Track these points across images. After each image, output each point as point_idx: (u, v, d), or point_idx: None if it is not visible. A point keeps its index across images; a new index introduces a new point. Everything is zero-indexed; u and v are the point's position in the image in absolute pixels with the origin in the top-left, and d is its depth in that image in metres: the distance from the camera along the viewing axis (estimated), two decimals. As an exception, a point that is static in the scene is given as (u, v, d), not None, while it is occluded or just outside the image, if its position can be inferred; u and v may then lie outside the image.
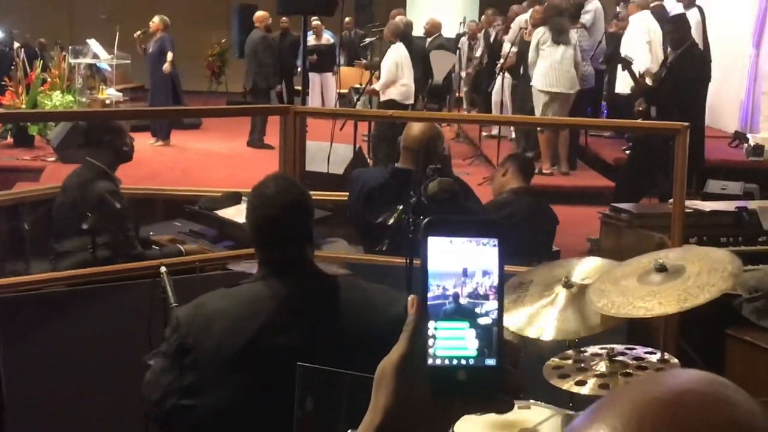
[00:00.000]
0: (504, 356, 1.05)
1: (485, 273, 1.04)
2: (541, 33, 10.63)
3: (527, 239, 5.15)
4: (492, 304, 1.04)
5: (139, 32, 13.75)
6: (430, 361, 1.03)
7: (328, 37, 15.52)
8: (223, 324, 2.69)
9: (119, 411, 3.86)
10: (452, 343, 1.04)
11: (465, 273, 1.04)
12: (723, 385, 0.74)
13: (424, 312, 1.04)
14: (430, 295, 1.04)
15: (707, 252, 3.53)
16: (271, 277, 2.80)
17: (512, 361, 1.09)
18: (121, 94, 14.89)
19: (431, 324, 1.04)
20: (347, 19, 16.84)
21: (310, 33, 15.03)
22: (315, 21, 14.97)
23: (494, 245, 1.05)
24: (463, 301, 1.04)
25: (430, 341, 1.03)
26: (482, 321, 1.04)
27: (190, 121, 14.27)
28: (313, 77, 14.89)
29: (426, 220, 1.05)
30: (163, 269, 3.62)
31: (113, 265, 4.46)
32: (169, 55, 13.05)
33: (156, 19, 13.14)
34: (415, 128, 4.77)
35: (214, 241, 5.41)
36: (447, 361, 1.03)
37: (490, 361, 1.04)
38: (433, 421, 1.04)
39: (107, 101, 14.14)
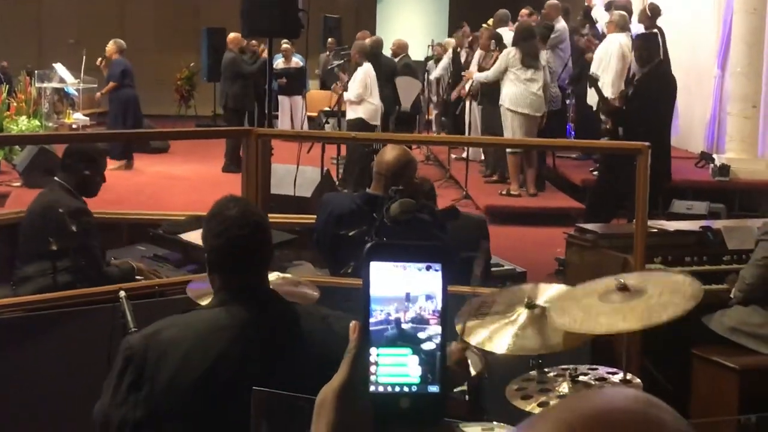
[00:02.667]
0: (447, 382, 1.03)
1: (428, 297, 1.03)
2: (511, 55, 10.64)
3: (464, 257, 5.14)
4: (435, 329, 1.03)
5: (100, 59, 13.71)
6: (372, 388, 1.02)
7: (297, 61, 15.53)
8: (179, 354, 2.62)
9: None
10: (395, 369, 1.02)
11: (408, 298, 1.02)
12: (651, 404, 0.72)
13: (366, 338, 1.02)
14: (372, 320, 1.02)
15: (667, 275, 3.55)
16: (229, 303, 2.73)
17: (462, 384, 1.07)
18: (88, 118, 14.82)
19: (373, 351, 1.02)
20: (330, 40, 16.83)
21: (279, 56, 15.04)
22: (285, 44, 14.96)
23: (437, 270, 1.03)
24: (405, 326, 1.02)
25: (372, 368, 1.02)
26: (425, 346, 1.02)
27: (157, 145, 14.22)
28: (283, 100, 14.89)
29: (369, 245, 1.04)
30: (122, 294, 3.57)
31: (72, 290, 4.40)
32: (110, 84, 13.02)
33: (110, 43, 13.10)
34: (389, 154, 4.73)
35: (178, 265, 5.37)
36: (389, 388, 1.02)
37: (433, 388, 1.02)
38: None
39: (74, 126, 14.06)
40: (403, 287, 1.03)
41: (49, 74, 14.99)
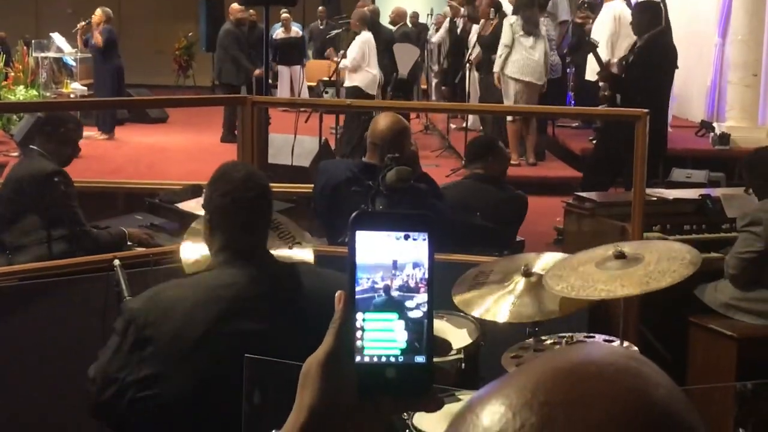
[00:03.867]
0: (433, 353, 1.01)
1: (416, 265, 1.01)
2: (513, 22, 10.60)
3: (480, 226, 5.11)
4: (422, 297, 1.01)
5: (82, 23, 13.63)
6: (357, 358, 1.00)
7: (297, 30, 15.45)
8: (182, 311, 2.65)
9: (74, 405, 3.80)
10: (381, 335, 1.01)
11: (395, 265, 1.01)
12: (631, 358, 0.70)
13: (351, 307, 1.00)
14: (359, 288, 1.01)
15: (665, 244, 3.53)
16: (231, 263, 2.77)
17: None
18: (85, 88, 14.76)
19: (359, 315, 1.00)
20: (320, 8, 16.77)
21: (279, 25, 14.96)
22: (284, 13, 14.89)
23: (424, 239, 1.01)
24: (393, 293, 1.00)
25: (359, 333, 1.00)
26: (412, 314, 1.01)
27: (156, 115, 14.19)
28: (283, 70, 14.81)
29: (354, 214, 1.02)
30: (116, 262, 3.56)
31: (67, 259, 4.40)
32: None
33: (98, 11, 13.03)
34: (382, 123, 4.70)
35: (174, 234, 5.35)
36: (375, 359, 1.00)
37: (420, 359, 1.01)
38: (360, 422, 1.01)
39: (72, 95, 14.01)
40: (390, 255, 1.01)
41: (46, 44, 14.93)
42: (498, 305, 3.34)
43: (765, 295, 4.82)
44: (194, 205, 5.41)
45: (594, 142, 10.30)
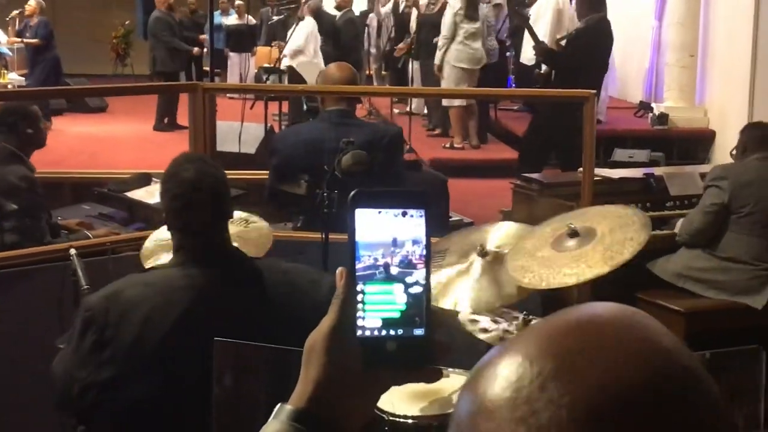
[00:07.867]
0: (432, 325, 1.05)
1: (415, 242, 1.04)
2: (458, 8, 10.65)
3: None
4: (421, 273, 1.04)
5: (15, 12, 13.46)
6: (359, 332, 1.03)
7: (250, 18, 15.39)
8: (141, 315, 2.61)
9: (32, 396, 3.77)
10: (381, 301, 1.03)
11: (395, 243, 1.04)
12: (636, 313, 0.74)
13: (353, 284, 1.03)
14: (361, 265, 1.03)
15: (607, 209, 3.54)
16: (189, 263, 2.73)
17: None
18: (23, 78, 14.53)
19: (359, 286, 1.03)
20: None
21: (233, 12, 14.93)
22: (238, 0, 14.83)
23: (421, 216, 1.05)
24: (393, 270, 1.03)
25: (359, 304, 1.03)
26: (412, 290, 1.04)
27: (95, 104, 14.02)
28: (233, 57, 14.76)
29: (353, 192, 1.04)
30: (72, 252, 3.54)
31: (21, 250, 4.34)
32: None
33: (32, 1, 12.90)
34: (334, 69, 4.84)
35: (124, 224, 5.33)
36: (376, 332, 1.03)
37: (419, 331, 1.04)
38: (363, 392, 1.05)
39: (9, 86, 13.78)
40: (390, 233, 1.04)
41: (-19, 34, 14.67)
42: (457, 293, 3.30)
43: (714, 264, 4.94)
44: (143, 194, 5.37)
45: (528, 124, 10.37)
